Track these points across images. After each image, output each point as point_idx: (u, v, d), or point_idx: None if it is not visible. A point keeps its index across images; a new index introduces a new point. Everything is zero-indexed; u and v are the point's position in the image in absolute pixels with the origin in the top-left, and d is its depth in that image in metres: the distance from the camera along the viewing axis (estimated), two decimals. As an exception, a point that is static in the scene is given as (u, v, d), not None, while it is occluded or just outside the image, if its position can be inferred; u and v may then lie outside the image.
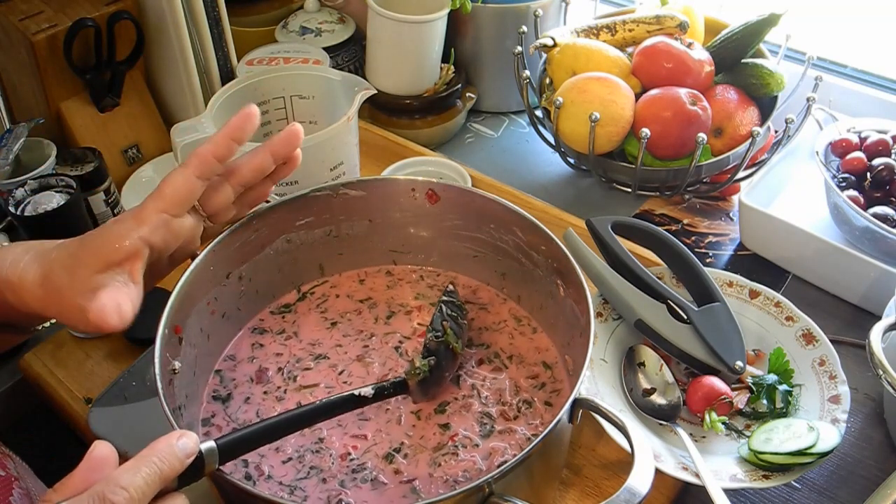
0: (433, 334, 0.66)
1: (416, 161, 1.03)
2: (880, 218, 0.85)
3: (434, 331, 0.66)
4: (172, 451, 0.43)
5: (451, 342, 0.66)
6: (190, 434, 0.45)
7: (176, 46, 1.00)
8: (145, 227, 0.55)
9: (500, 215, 0.71)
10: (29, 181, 0.84)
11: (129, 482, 0.40)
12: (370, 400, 0.60)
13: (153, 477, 0.41)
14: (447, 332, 0.66)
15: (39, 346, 0.85)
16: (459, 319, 0.69)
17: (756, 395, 0.75)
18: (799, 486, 0.73)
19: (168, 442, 0.43)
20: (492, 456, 0.62)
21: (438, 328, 0.66)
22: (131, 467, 0.41)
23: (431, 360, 0.63)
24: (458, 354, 0.67)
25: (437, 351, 0.64)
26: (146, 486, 0.41)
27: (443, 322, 0.66)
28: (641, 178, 0.98)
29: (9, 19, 0.96)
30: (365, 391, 0.59)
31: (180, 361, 0.61)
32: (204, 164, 0.57)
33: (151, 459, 0.42)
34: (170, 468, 0.42)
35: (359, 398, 0.59)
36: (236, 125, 0.58)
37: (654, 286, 0.78)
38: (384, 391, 0.61)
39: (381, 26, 1.10)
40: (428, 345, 0.65)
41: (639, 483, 0.50)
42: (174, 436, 0.44)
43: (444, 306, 0.69)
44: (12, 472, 0.59)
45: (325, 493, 0.59)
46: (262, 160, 0.62)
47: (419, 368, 0.63)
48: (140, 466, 0.41)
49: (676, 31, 1.02)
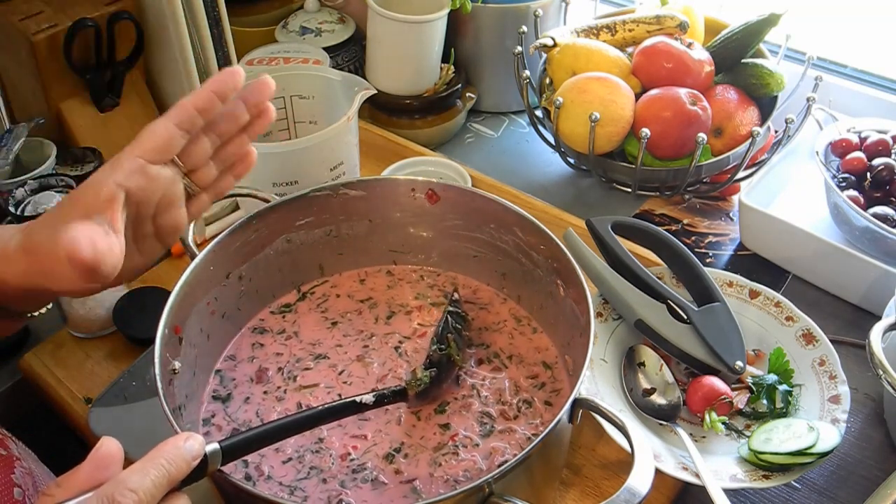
0: (437, 347, 0.66)
1: (416, 161, 1.03)
2: (880, 218, 0.85)
3: (438, 343, 0.66)
4: (180, 454, 0.43)
5: (453, 355, 0.66)
6: (196, 436, 0.45)
7: (176, 46, 1.00)
8: (120, 172, 0.53)
9: (500, 215, 0.71)
10: (29, 181, 0.84)
11: (139, 485, 0.40)
12: (370, 406, 0.60)
13: (161, 479, 0.41)
14: (451, 345, 0.66)
15: (39, 346, 0.86)
16: (463, 331, 0.70)
17: (756, 395, 0.75)
18: (799, 486, 0.73)
19: (175, 444, 0.43)
20: (492, 456, 0.62)
21: (443, 342, 0.66)
22: (140, 469, 0.41)
23: (433, 372, 0.64)
24: (456, 364, 0.67)
25: (439, 363, 0.65)
26: (154, 489, 0.41)
27: (447, 335, 0.67)
28: (641, 178, 0.98)
29: (9, 19, 0.96)
30: (366, 398, 0.59)
31: (180, 361, 0.61)
32: (183, 113, 0.56)
33: (159, 462, 0.42)
34: (177, 470, 0.42)
35: (359, 405, 0.59)
36: (220, 79, 0.57)
37: (654, 286, 0.78)
38: (384, 399, 0.61)
39: (381, 26, 1.10)
40: (431, 356, 0.65)
41: (639, 483, 0.50)
42: (181, 438, 0.44)
43: (451, 317, 0.69)
44: (14, 453, 0.59)
45: (326, 494, 0.59)
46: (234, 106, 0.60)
47: (420, 380, 0.63)
48: (148, 469, 0.41)
49: (676, 31, 1.02)
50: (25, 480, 0.57)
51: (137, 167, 0.54)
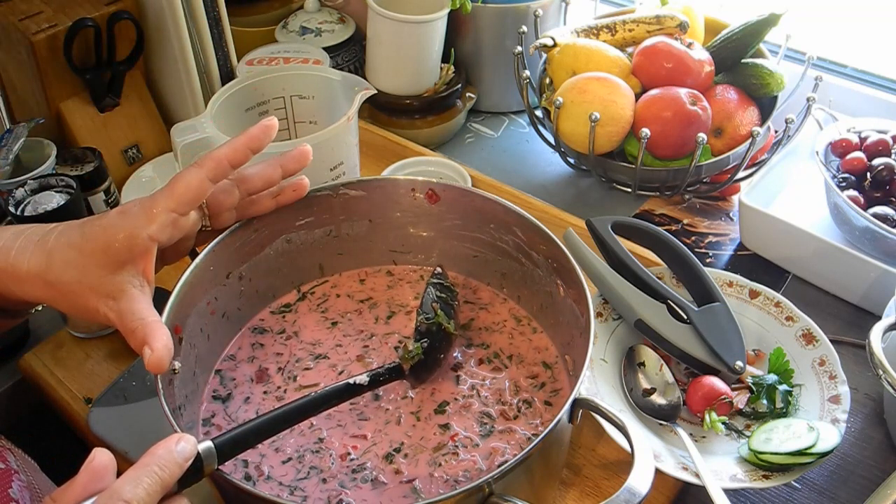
0: (423, 317, 0.65)
1: (416, 161, 1.03)
2: (880, 218, 0.85)
3: (424, 314, 0.66)
4: (172, 457, 0.43)
5: (442, 323, 0.65)
6: (188, 437, 0.45)
7: (176, 46, 1.00)
8: (154, 225, 0.54)
9: (500, 215, 0.71)
10: (29, 181, 0.84)
11: (133, 495, 0.40)
12: (366, 388, 0.60)
13: (155, 486, 0.41)
14: (437, 314, 0.65)
15: (39, 346, 0.86)
16: (449, 300, 0.69)
17: (756, 395, 0.75)
18: (799, 486, 0.73)
19: (167, 447, 0.43)
20: (492, 456, 0.62)
21: (429, 311, 0.66)
22: (133, 478, 0.41)
23: (424, 343, 0.63)
24: (452, 335, 0.66)
25: (429, 333, 0.64)
26: (148, 497, 0.41)
27: (432, 304, 0.66)
28: (641, 178, 0.98)
29: (9, 19, 0.96)
30: (360, 379, 0.59)
31: (180, 361, 0.61)
32: (219, 168, 0.57)
33: (152, 468, 0.42)
34: (170, 475, 0.42)
35: (354, 386, 0.59)
36: (255, 135, 0.59)
37: (654, 286, 0.78)
38: (379, 377, 0.61)
39: (381, 26, 1.10)
40: (419, 327, 0.65)
41: (639, 483, 0.50)
42: (172, 440, 0.44)
43: (433, 288, 0.68)
44: (12, 466, 0.58)
45: (326, 494, 0.59)
46: (272, 171, 0.64)
47: (412, 352, 0.63)
48: (141, 477, 0.41)
49: (676, 31, 1.03)
50: (23, 494, 0.56)
51: (171, 221, 0.55)
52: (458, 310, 0.70)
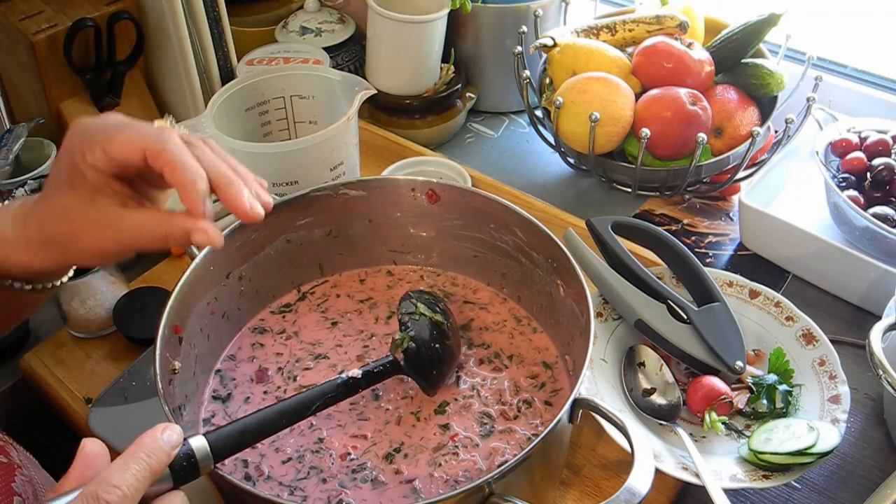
0: (405, 311, 0.65)
1: (416, 161, 1.03)
2: (880, 218, 0.85)
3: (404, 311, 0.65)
4: (158, 445, 0.44)
5: (426, 314, 0.65)
6: (173, 426, 0.45)
7: (176, 46, 1.00)
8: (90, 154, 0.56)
9: (500, 215, 0.71)
10: (29, 181, 0.84)
11: (121, 480, 0.41)
12: (362, 383, 0.60)
13: (143, 472, 0.42)
14: (418, 307, 0.65)
15: (39, 347, 0.86)
16: (432, 299, 0.68)
17: (756, 395, 0.75)
18: (799, 486, 0.73)
19: (153, 436, 0.44)
20: (492, 456, 0.62)
21: (409, 307, 0.65)
22: (121, 465, 0.42)
23: (411, 332, 0.63)
24: (442, 325, 0.66)
25: (413, 323, 0.64)
26: (137, 483, 0.41)
27: (411, 301, 0.66)
28: (641, 178, 0.98)
29: (9, 19, 0.96)
30: (353, 373, 0.59)
31: (180, 361, 0.61)
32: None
33: (139, 455, 0.43)
34: (157, 462, 0.43)
35: (350, 382, 0.59)
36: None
37: (654, 286, 0.78)
38: (374, 372, 0.61)
39: (381, 26, 1.10)
40: (401, 320, 0.64)
41: (639, 483, 0.50)
42: (158, 429, 0.45)
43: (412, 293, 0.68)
44: (15, 460, 0.59)
45: (326, 493, 0.59)
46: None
47: (399, 339, 0.62)
48: (129, 463, 0.42)
49: (676, 31, 1.02)
50: (25, 489, 0.57)
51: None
52: (444, 304, 0.70)
